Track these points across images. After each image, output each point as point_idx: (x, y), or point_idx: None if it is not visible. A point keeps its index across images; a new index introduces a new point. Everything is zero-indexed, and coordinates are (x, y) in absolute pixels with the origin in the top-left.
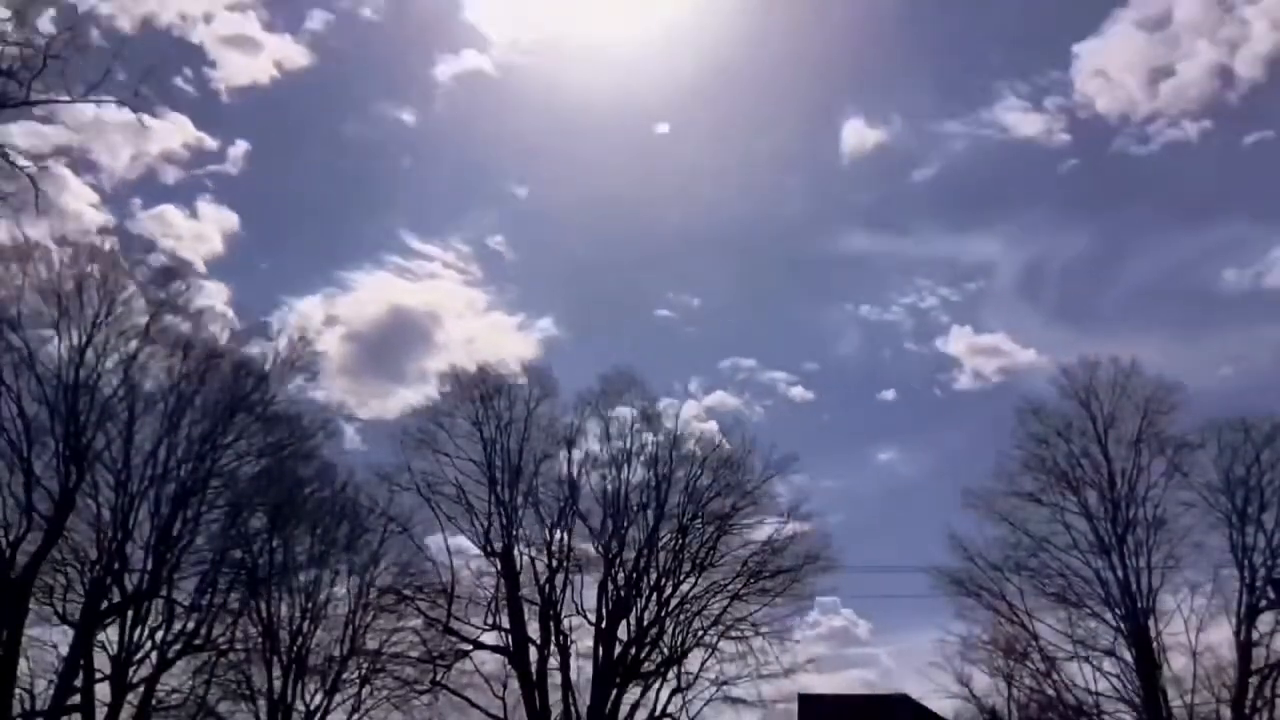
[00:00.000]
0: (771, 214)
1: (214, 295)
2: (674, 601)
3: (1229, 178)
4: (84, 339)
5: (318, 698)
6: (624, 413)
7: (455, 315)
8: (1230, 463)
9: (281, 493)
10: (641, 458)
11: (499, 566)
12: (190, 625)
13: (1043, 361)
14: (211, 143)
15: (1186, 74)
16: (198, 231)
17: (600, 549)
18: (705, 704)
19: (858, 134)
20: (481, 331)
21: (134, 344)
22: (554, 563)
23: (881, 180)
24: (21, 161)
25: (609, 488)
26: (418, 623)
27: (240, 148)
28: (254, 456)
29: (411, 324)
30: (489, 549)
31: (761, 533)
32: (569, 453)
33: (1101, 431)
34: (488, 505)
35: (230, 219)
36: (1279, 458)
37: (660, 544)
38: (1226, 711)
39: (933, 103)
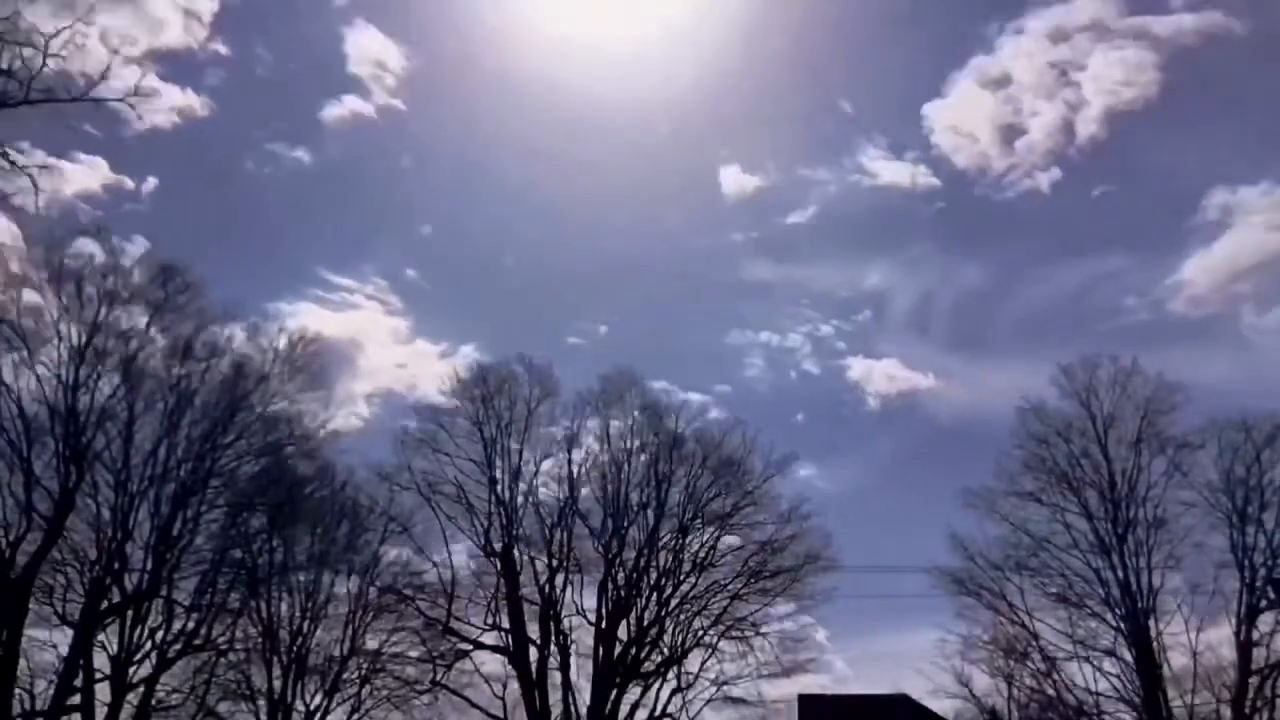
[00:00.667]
0: (667, 246)
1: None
2: (674, 601)
3: (1096, 218)
4: (84, 339)
5: (318, 698)
6: (624, 412)
7: (380, 343)
8: (1230, 463)
9: (281, 492)
10: (642, 458)
11: (499, 566)
12: (190, 625)
13: (940, 386)
14: (129, 183)
15: (1034, 131)
16: (113, 265)
17: (600, 549)
18: (705, 704)
19: (736, 179)
20: (408, 357)
21: (134, 344)
22: (554, 563)
23: (765, 218)
24: (22, 161)
25: (609, 488)
26: (418, 623)
27: (150, 184)
28: (254, 456)
29: (337, 350)
30: (489, 549)
31: (762, 533)
32: (569, 453)
33: (1102, 431)
34: (488, 505)
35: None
36: (1279, 458)
37: (660, 544)
38: (1226, 711)
39: (801, 152)
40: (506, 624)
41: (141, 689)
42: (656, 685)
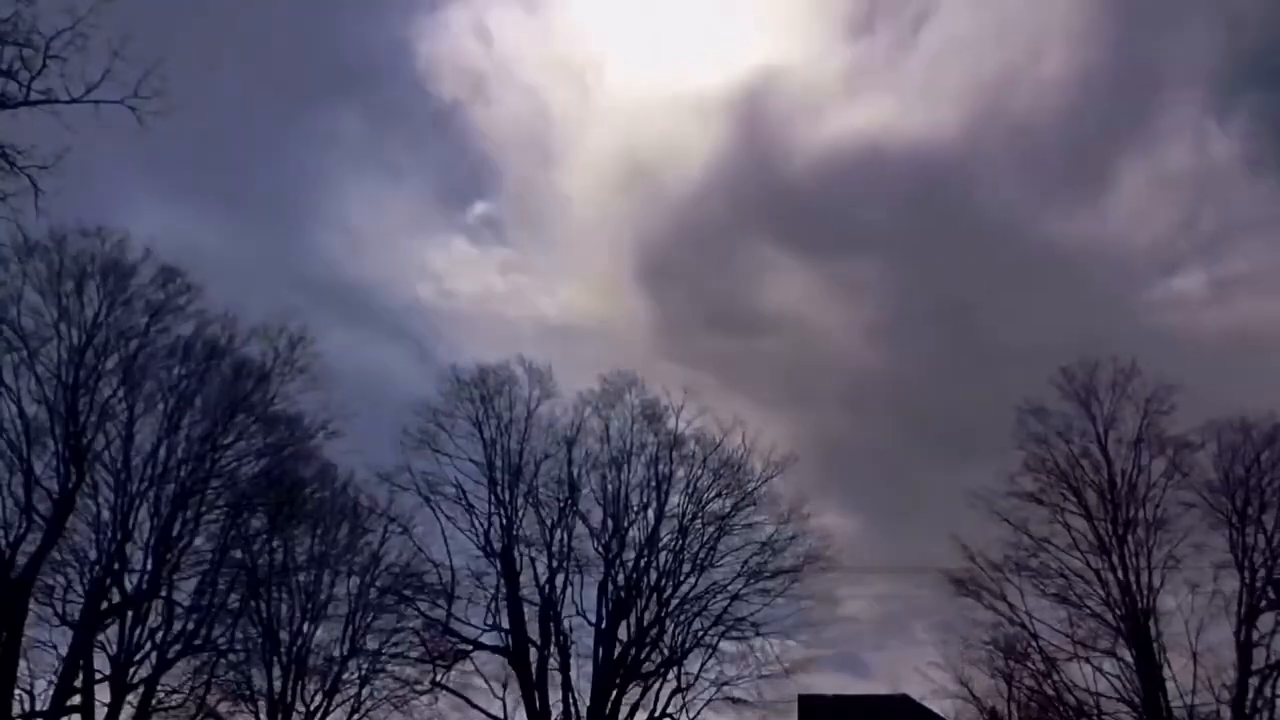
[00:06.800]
0: None
1: None
2: (674, 602)
3: None
4: (84, 339)
5: (318, 698)
6: (624, 413)
7: None
8: (1230, 463)
9: (282, 493)
10: (641, 458)
11: (499, 566)
12: (190, 626)
13: None
14: None
15: None
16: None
17: (600, 549)
18: (705, 704)
19: None
20: None
21: (134, 344)
22: (554, 563)
23: None
24: (21, 162)
25: (609, 488)
26: (418, 623)
27: None
28: (254, 457)
29: None
30: (489, 549)
31: (761, 533)
32: (569, 453)
33: (1101, 432)
34: (488, 505)
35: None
36: (1279, 458)
37: (660, 544)
38: (1226, 711)
39: None
40: (506, 624)
41: (141, 689)
42: (656, 686)
